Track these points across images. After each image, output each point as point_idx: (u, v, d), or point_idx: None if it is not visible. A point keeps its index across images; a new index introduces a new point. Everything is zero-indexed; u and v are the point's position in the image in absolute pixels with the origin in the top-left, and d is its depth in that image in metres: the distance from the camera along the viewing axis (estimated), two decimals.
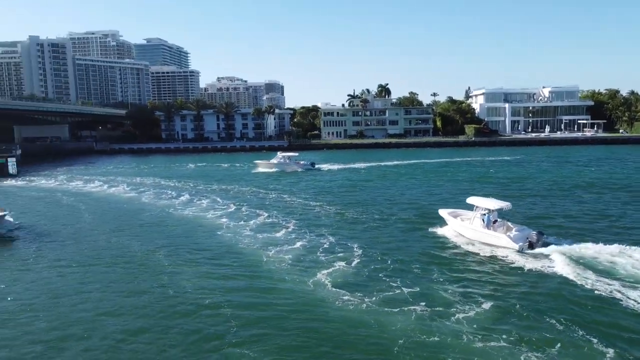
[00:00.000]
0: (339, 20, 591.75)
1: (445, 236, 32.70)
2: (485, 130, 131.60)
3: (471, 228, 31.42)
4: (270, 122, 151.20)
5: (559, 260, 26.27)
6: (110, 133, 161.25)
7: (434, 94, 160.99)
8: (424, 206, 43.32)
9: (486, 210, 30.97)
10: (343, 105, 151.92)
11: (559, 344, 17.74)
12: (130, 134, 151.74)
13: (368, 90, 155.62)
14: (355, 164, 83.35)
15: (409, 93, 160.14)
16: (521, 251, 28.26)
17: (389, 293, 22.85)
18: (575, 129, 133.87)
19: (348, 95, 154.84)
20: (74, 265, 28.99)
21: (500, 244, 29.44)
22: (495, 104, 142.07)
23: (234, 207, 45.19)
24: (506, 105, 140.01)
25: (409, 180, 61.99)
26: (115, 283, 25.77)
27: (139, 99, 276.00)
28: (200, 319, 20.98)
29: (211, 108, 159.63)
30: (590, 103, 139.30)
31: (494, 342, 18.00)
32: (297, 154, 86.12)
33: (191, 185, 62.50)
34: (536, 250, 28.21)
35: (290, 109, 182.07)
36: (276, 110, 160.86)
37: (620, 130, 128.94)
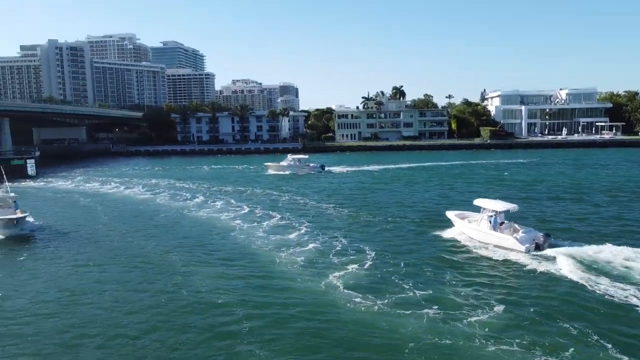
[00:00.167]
0: (352, 24, 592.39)
1: (455, 239, 32.70)
2: (501, 133, 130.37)
3: (478, 230, 31.66)
4: (285, 125, 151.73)
5: (566, 262, 26.17)
6: (126, 135, 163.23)
7: (449, 96, 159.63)
8: (437, 209, 43.09)
9: (493, 212, 31.20)
10: (357, 107, 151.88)
11: (572, 349, 17.54)
12: (146, 136, 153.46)
13: (382, 93, 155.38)
14: (368, 167, 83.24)
15: (424, 95, 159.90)
16: (528, 252, 28.37)
17: (400, 295, 22.83)
18: (593, 132, 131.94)
19: (362, 98, 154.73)
20: (91, 264, 29.55)
21: (507, 246, 29.58)
22: (511, 106, 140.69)
23: (247, 209, 45.48)
24: (522, 107, 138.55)
25: (423, 183, 61.72)
26: (130, 282, 26.18)
27: (155, 102, 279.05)
28: (213, 318, 21.22)
29: (226, 110, 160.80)
30: (609, 105, 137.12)
31: (506, 346, 17.86)
32: (307, 156, 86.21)
33: (206, 186, 63.01)
34: (543, 252, 28.27)
35: (305, 111, 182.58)
36: (290, 113, 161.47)
37: None
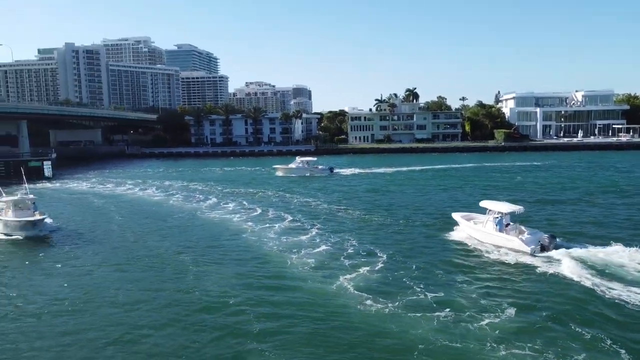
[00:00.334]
0: (365, 26, 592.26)
1: (462, 241, 32.66)
2: (516, 135, 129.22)
3: (484, 231, 31.76)
4: (298, 127, 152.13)
5: (571, 264, 26.11)
6: (141, 137, 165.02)
7: (463, 98, 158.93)
8: (448, 212, 42.71)
9: (499, 214, 31.31)
10: (370, 109, 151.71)
11: (584, 354, 17.36)
12: (160, 138, 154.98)
13: (395, 95, 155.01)
14: (381, 169, 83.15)
15: (437, 97, 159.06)
16: (533, 254, 28.37)
17: (411, 297, 22.79)
18: (610, 134, 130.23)
19: (375, 100, 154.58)
20: (105, 264, 30.02)
21: (512, 247, 29.66)
22: (526, 108, 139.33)
23: (259, 211, 45.70)
24: (537, 109, 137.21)
25: (435, 186, 61.45)
26: (144, 282, 26.56)
27: (169, 104, 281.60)
28: (224, 317, 21.45)
29: (239, 113, 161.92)
30: (626, 107, 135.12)
31: (518, 350, 17.71)
32: (315, 158, 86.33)
33: (218, 188, 63.44)
34: (549, 253, 28.25)
35: (318, 114, 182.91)
36: (303, 115, 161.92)
37: None
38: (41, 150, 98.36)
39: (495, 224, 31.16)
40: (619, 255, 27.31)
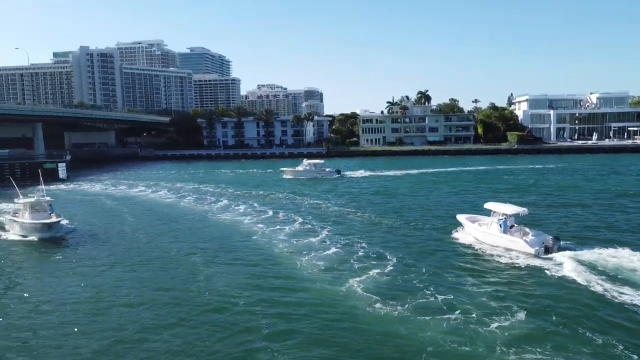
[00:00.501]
0: (375, 29, 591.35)
1: (468, 244, 32.65)
2: (529, 138, 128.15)
3: (488, 233, 31.90)
4: (309, 129, 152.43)
5: (577, 267, 26.05)
6: (154, 140, 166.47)
7: (475, 101, 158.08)
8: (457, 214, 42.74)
9: (503, 216, 31.39)
10: (382, 112, 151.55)
11: None
12: (173, 140, 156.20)
13: (407, 97, 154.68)
14: (392, 171, 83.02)
15: (449, 100, 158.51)
16: (537, 255, 28.47)
17: (420, 300, 22.81)
18: (625, 137, 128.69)
19: (387, 102, 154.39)
20: (119, 265, 30.48)
21: (516, 248, 29.78)
22: (540, 110, 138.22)
23: (270, 213, 45.93)
24: (551, 111, 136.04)
25: (447, 188, 61.22)
26: (155, 282, 26.92)
27: (182, 107, 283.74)
28: (234, 317, 21.67)
29: (251, 115, 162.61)
30: None
31: (528, 355, 17.61)
32: (322, 161, 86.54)
33: (230, 190, 63.83)
34: (552, 255, 28.27)
35: (329, 116, 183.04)
36: (315, 117, 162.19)
37: None
38: (56, 153, 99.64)
39: (500, 225, 31.31)
40: (629, 259, 27.10)
